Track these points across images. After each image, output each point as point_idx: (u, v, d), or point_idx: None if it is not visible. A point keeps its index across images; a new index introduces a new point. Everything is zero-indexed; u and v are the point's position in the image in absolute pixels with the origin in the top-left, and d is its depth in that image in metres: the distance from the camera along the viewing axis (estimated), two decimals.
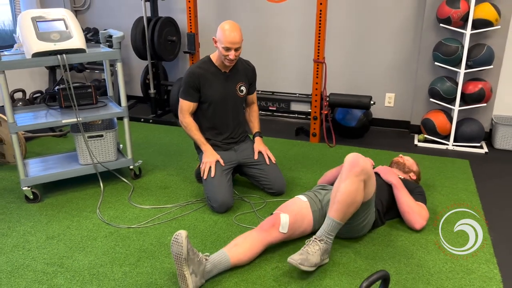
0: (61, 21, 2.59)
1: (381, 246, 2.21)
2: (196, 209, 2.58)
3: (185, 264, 1.80)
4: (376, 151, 3.52)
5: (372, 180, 2.06)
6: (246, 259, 2.01)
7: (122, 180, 2.94)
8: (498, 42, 3.41)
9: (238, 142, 2.77)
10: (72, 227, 2.40)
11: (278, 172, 2.71)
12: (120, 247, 2.21)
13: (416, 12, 3.70)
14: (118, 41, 2.68)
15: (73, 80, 5.01)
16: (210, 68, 2.63)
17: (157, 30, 4.05)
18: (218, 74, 2.64)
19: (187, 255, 1.80)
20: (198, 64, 2.64)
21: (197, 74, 2.59)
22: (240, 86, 2.70)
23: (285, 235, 2.12)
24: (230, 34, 2.44)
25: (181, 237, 1.80)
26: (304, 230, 2.20)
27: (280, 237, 2.11)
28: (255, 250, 2.04)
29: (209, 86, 2.61)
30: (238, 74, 2.70)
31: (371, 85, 4.01)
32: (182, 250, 1.79)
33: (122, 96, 2.79)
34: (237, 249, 2.00)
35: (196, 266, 1.84)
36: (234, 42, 2.46)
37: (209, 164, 2.56)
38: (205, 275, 1.89)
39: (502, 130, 3.52)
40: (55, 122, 2.66)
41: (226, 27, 2.47)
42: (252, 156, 2.72)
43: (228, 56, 2.50)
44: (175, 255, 1.81)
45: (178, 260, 1.81)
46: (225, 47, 2.46)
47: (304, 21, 4.02)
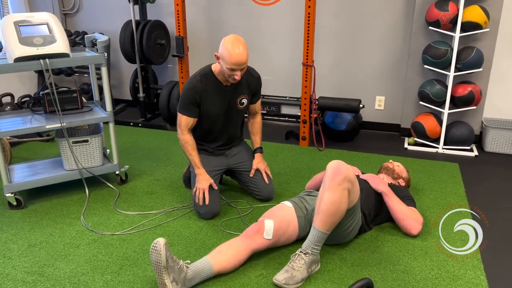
0: (44, 25, 2.55)
1: (367, 252, 2.19)
2: (181, 215, 2.55)
3: (165, 272, 1.77)
4: (366, 154, 3.50)
5: (355, 187, 2.03)
6: (231, 266, 1.98)
7: (108, 186, 2.90)
8: (487, 45, 3.40)
9: (231, 147, 2.72)
10: (55, 234, 2.37)
11: (268, 178, 2.69)
12: (103, 254, 2.18)
13: (405, 15, 3.69)
14: (102, 45, 2.65)
15: (62, 84, 4.97)
16: (212, 81, 2.45)
17: (146, 34, 4.02)
18: (219, 88, 2.47)
19: (166, 263, 1.77)
20: (199, 78, 2.43)
21: (198, 90, 2.42)
22: (241, 99, 2.56)
23: (270, 242, 2.09)
24: (236, 55, 2.23)
25: (159, 245, 1.77)
26: (290, 236, 2.17)
27: (265, 243, 2.08)
28: (239, 257, 2.01)
29: (210, 101, 2.47)
30: (240, 87, 2.53)
31: (361, 88, 4.00)
32: (161, 258, 1.76)
33: (107, 101, 2.75)
34: (221, 256, 1.97)
35: (176, 274, 1.81)
36: (240, 63, 2.25)
37: (202, 190, 2.45)
38: (187, 283, 1.86)
39: (492, 133, 3.51)
40: (39, 128, 2.62)
41: (231, 46, 2.24)
42: (241, 162, 2.67)
43: (233, 77, 2.31)
44: (155, 263, 1.78)
45: (157, 268, 1.78)
46: (230, 68, 2.26)
47: (293, 24, 4.00)
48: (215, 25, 4.26)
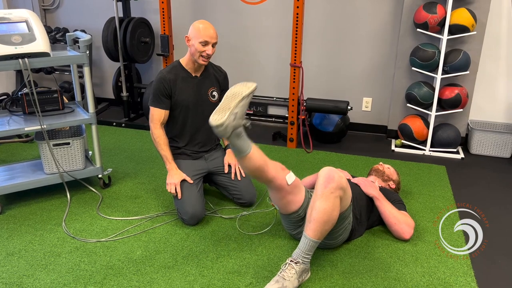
0: (23, 23, 2.44)
1: (358, 259, 2.16)
2: (168, 221, 2.48)
3: (239, 103, 1.85)
4: (353, 156, 3.47)
5: (348, 194, 2.00)
6: (259, 162, 1.97)
7: (90, 190, 2.80)
8: (474, 48, 3.41)
9: (209, 150, 2.67)
10: (34, 242, 2.26)
11: (249, 182, 2.62)
12: (86, 263, 2.09)
13: (393, 17, 3.67)
14: (85, 44, 2.55)
15: (42, 82, 4.82)
16: (181, 72, 2.53)
17: (130, 31, 3.91)
18: (189, 79, 2.54)
19: (244, 100, 1.87)
20: (168, 70, 2.52)
21: (167, 80, 2.47)
22: (212, 91, 2.60)
23: (282, 185, 2.01)
24: (207, 29, 2.40)
25: (252, 84, 1.91)
26: (293, 201, 2.08)
27: (283, 182, 2.00)
28: (263, 166, 1.97)
29: (181, 92, 2.51)
30: (209, 79, 2.60)
31: (348, 89, 3.97)
32: (248, 92, 1.88)
33: (90, 102, 2.65)
34: (256, 152, 1.97)
35: (239, 115, 1.87)
36: (212, 36, 2.40)
37: (174, 186, 2.42)
38: (234, 132, 1.88)
39: (478, 136, 3.52)
40: (17, 130, 2.51)
41: (201, 24, 2.42)
42: (221, 165, 2.62)
43: (205, 52, 2.41)
44: (237, 92, 1.88)
45: (235, 96, 1.86)
46: (203, 41, 2.38)
47: (281, 24, 3.94)
48: None
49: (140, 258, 2.14)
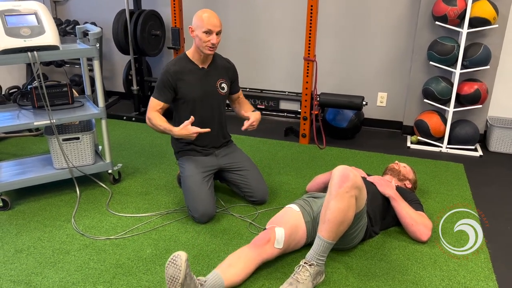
0: (32, 15, 2.39)
1: (374, 260, 2.09)
2: (178, 218, 2.43)
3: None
4: (368, 153, 3.39)
5: (363, 193, 1.93)
6: (240, 279, 1.86)
7: (100, 185, 2.76)
8: (495, 42, 3.29)
9: (220, 147, 2.60)
10: (43, 239, 2.23)
11: (261, 179, 2.56)
12: (95, 262, 2.05)
13: (411, 9, 3.55)
14: (95, 37, 2.49)
15: (52, 75, 4.79)
16: (187, 64, 2.46)
17: (140, 24, 3.85)
18: (196, 71, 2.46)
19: (184, 280, 1.63)
20: (173, 62, 2.46)
21: (172, 72, 2.40)
22: (220, 82, 2.51)
23: (280, 250, 1.98)
24: (210, 17, 2.32)
25: (181, 260, 1.63)
26: (298, 242, 2.07)
27: (275, 252, 1.96)
28: (249, 269, 1.89)
29: (187, 84, 2.43)
30: (218, 70, 2.52)
31: (363, 83, 3.87)
32: (180, 274, 1.61)
33: (99, 96, 2.60)
34: (231, 270, 1.84)
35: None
36: (215, 24, 2.32)
37: (200, 131, 2.28)
38: None
39: (497, 132, 3.41)
40: (27, 125, 2.47)
41: (205, 13, 2.34)
42: (233, 162, 2.54)
43: (210, 41, 2.32)
44: (170, 278, 1.64)
45: (172, 284, 1.64)
46: (206, 30, 2.31)
47: (294, 16, 3.85)
48: None
49: (150, 256, 2.09)
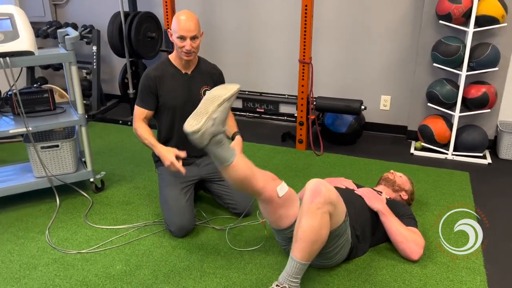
0: (6, 20, 2.32)
1: (358, 282, 1.92)
2: (156, 231, 2.31)
3: (217, 107, 1.71)
4: (367, 160, 3.20)
5: (339, 208, 1.77)
6: (241, 171, 1.79)
7: (81, 194, 2.68)
8: (504, 41, 3.06)
9: (202, 156, 2.47)
10: (14, 252, 2.15)
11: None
12: (61, 278, 1.96)
13: (415, 8, 3.35)
14: (71, 41, 2.40)
15: (52, 79, 4.76)
16: (168, 69, 2.35)
17: (135, 26, 3.76)
18: (177, 76, 2.35)
19: (225, 102, 1.73)
20: (155, 67, 2.36)
21: (152, 77, 2.30)
22: (204, 89, 2.38)
23: (273, 198, 1.83)
24: (184, 22, 2.20)
25: (234, 86, 1.78)
26: (286, 215, 1.87)
27: (272, 195, 1.82)
28: (251, 175, 1.80)
29: (168, 89, 2.32)
30: (202, 76, 2.40)
31: (365, 86, 3.69)
32: (229, 94, 1.74)
33: (78, 102, 2.51)
34: (245, 161, 1.83)
35: (217, 126, 1.71)
36: (189, 30, 2.20)
37: (173, 164, 2.17)
38: (217, 139, 1.73)
39: (508, 138, 3.18)
40: (2, 132, 2.40)
41: (181, 16, 2.22)
42: (215, 172, 2.40)
43: (184, 47, 2.22)
44: (217, 95, 1.74)
45: (216, 99, 1.72)
46: (179, 36, 2.21)
47: (292, 18, 3.69)
48: (208, 18, 3.97)
49: (119, 273, 1.98)
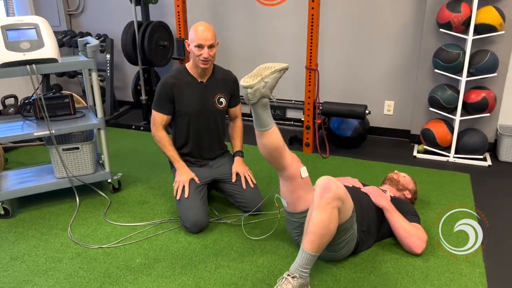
0: (32, 30, 2.47)
1: (364, 274, 2.04)
2: (172, 228, 2.45)
3: (271, 73, 1.91)
4: (372, 162, 3.33)
5: (347, 204, 1.90)
6: (273, 138, 2.00)
7: (100, 194, 2.82)
8: (502, 48, 3.19)
9: (214, 158, 2.61)
10: (39, 247, 2.29)
11: (256, 190, 2.55)
12: (85, 270, 2.09)
13: (416, 16, 3.49)
14: (92, 50, 2.56)
15: (66, 86, 4.93)
16: (185, 77, 2.48)
17: (148, 35, 3.92)
18: (194, 84, 2.49)
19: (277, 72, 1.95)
20: (172, 74, 2.49)
21: (170, 84, 2.44)
22: (219, 97, 2.53)
23: (297, 177, 2.01)
24: (202, 31, 2.33)
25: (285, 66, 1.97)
26: (304, 198, 2.02)
27: (296, 174, 2.01)
28: (279, 143, 2.00)
29: (184, 97, 2.46)
30: (216, 84, 2.54)
31: (369, 92, 3.83)
32: (280, 67, 1.95)
33: (98, 107, 2.66)
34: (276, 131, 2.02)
35: (267, 90, 1.92)
36: (206, 39, 2.32)
37: (182, 184, 2.40)
38: (264, 102, 1.93)
39: (507, 141, 3.30)
40: (27, 135, 2.55)
41: (199, 26, 2.35)
42: (227, 173, 2.56)
43: (202, 56, 2.34)
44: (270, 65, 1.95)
45: (269, 68, 1.92)
46: (197, 44, 2.33)
47: (299, 25, 3.84)
48: (218, 27, 4.14)
49: (139, 266, 2.11)
